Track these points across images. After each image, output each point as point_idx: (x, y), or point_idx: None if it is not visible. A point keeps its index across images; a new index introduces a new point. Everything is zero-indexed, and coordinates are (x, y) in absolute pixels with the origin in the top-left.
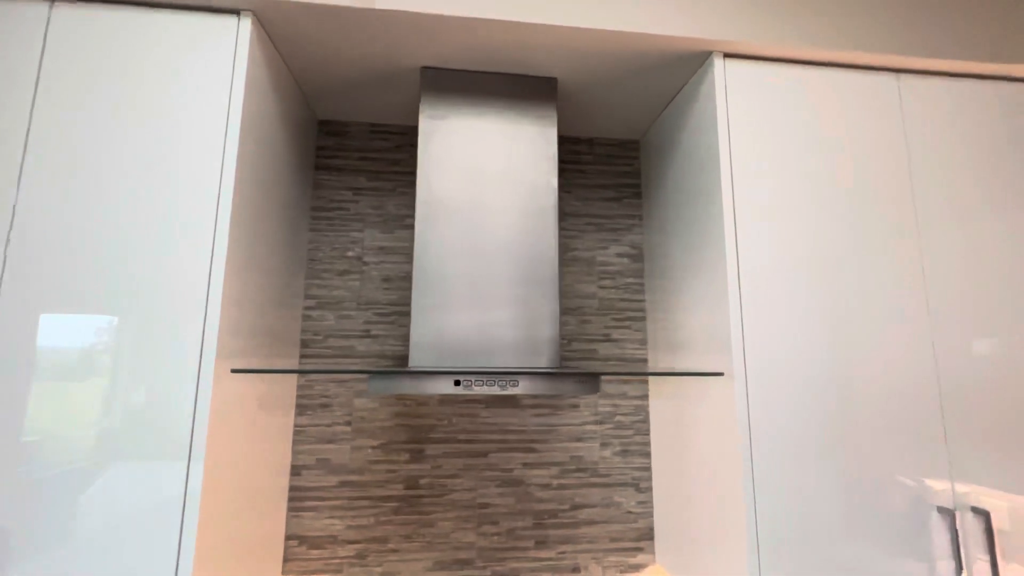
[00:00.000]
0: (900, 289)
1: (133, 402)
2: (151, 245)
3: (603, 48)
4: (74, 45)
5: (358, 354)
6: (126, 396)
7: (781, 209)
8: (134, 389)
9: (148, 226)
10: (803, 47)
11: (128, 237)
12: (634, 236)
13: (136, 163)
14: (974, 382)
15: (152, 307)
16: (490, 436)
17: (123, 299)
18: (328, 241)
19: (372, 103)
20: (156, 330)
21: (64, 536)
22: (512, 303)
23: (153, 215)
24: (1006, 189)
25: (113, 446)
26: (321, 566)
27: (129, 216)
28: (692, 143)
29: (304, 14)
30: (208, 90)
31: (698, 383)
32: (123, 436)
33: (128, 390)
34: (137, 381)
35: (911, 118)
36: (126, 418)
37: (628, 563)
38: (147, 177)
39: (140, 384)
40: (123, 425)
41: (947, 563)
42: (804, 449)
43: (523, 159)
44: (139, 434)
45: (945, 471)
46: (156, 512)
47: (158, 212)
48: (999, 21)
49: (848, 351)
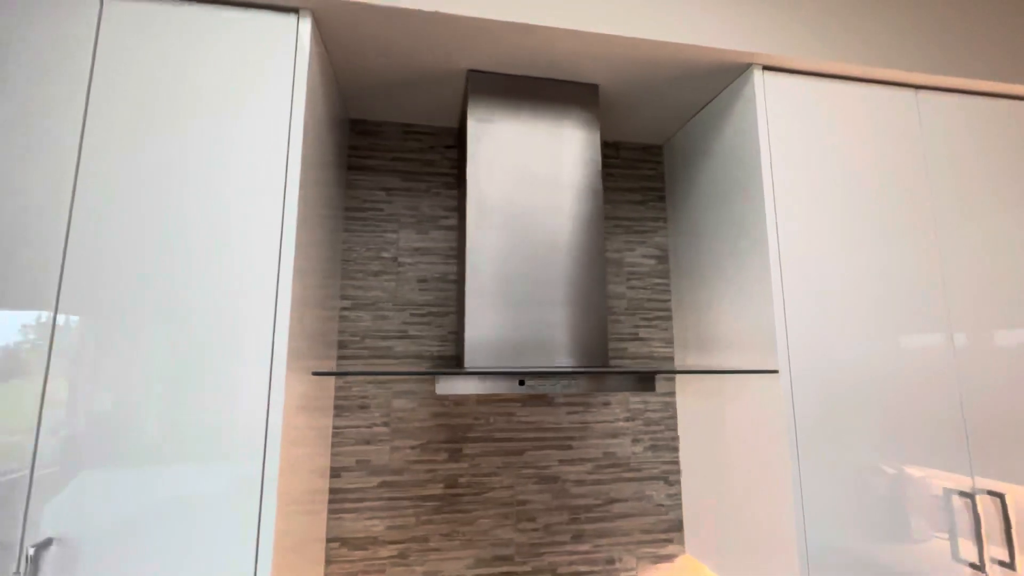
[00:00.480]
0: (919, 283)
1: (206, 405)
2: (216, 245)
3: (647, 57)
4: (126, 41)
5: (396, 355)
6: (198, 398)
7: (815, 211)
8: (204, 393)
9: (212, 226)
10: (833, 62)
11: (191, 238)
12: (659, 238)
13: (197, 164)
14: (992, 375)
15: (221, 309)
16: (526, 434)
17: (189, 302)
18: (363, 242)
19: (407, 103)
20: (226, 333)
21: (137, 535)
22: (563, 304)
23: (217, 215)
24: (1015, 192)
25: (185, 448)
26: (363, 567)
27: (192, 216)
28: (729, 149)
29: (365, 14)
30: (269, 90)
31: (733, 380)
32: (195, 437)
33: (199, 393)
34: (208, 385)
35: (928, 130)
36: (196, 420)
37: (659, 554)
38: (209, 178)
39: (213, 388)
40: (194, 427)
41: (970, 543)
42: (841, 440)
43: (569, 163)
44: (212, 436)
45: (966, 461)
46: (233, 513)
47: (222, 211)
48: (1009, 43)
49: (877, 346)
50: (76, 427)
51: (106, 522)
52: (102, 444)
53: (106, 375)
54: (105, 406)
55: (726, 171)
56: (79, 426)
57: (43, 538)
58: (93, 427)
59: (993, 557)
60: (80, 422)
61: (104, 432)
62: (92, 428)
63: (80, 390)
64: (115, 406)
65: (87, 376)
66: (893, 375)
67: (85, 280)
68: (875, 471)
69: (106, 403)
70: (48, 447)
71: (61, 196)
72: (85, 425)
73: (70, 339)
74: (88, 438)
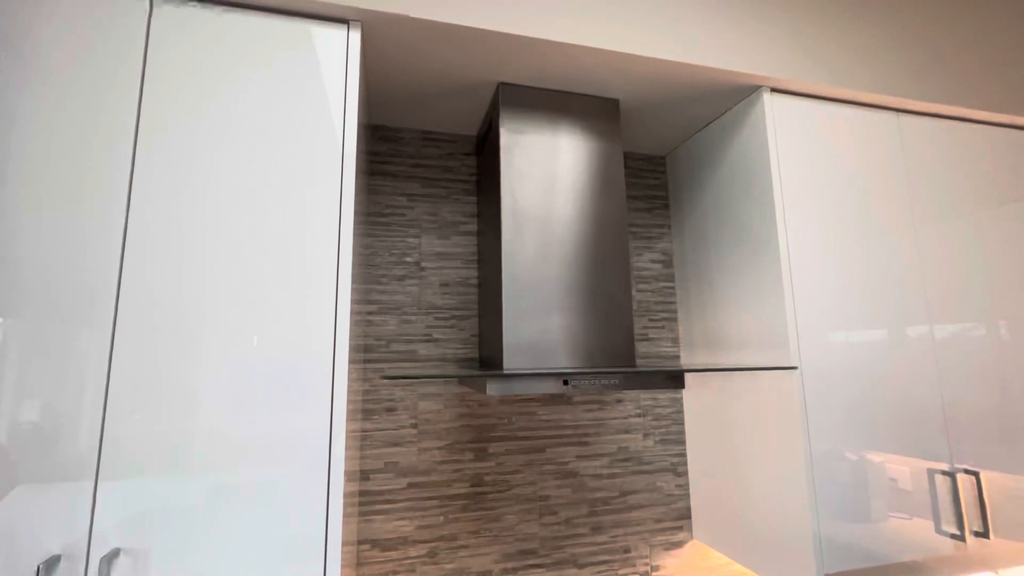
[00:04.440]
0: (902, 282)
1: (274, 413)
2: (275, 251)
3: (665, 76)
4: (178, 47)
5: (421, 358)
6: (269, 409)
7: (815, 218)
8: (273, 400)
9: (270, 232)
10: (831, 86)
11: (249, 246)
12: (665, 244)
13: (253, 173)
14: (966, 368)
15: (283, 313)
16: (547, 432)
17: (252, 307)
18: (386, 246)
19: (429, 111)
20: (286, 335)
21: (205, 542)
22: (593, 308)
23: (274, 222)
24: (983, 201)
25: (251, 456)
26: (394, 567)
27: (248, 224)
28: (738, 162)
29: (411, 27)
30: (321, 100)
31: (742, 376)
32: (257, 445)
33: (269, 401)
34: (276, 392)
35: (909, 151)
36: (262, 429)
37: (671, 541)
38: (264, 184)
39: (282, 394)
40: (259, 436)
41: (951, 514)
42: (841, 429)
43: (595, 173)
44: (275, 441)
45: (945, 447)
46: (301, 513)
47: (282, 217)
48: (986, 73)
49: (871, 341)
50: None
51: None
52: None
53: (173, 388)
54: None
55: (734, 181)
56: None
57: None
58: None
59: (971, 529)
60: (142, 430)
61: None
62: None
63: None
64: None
65: (150, 383)
66: (885, 367)
67: (144, 298)
68: (869, 457)
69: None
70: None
71: (116, 208)
72: (162, 433)
73: (134, 351)
74: (149, 447)
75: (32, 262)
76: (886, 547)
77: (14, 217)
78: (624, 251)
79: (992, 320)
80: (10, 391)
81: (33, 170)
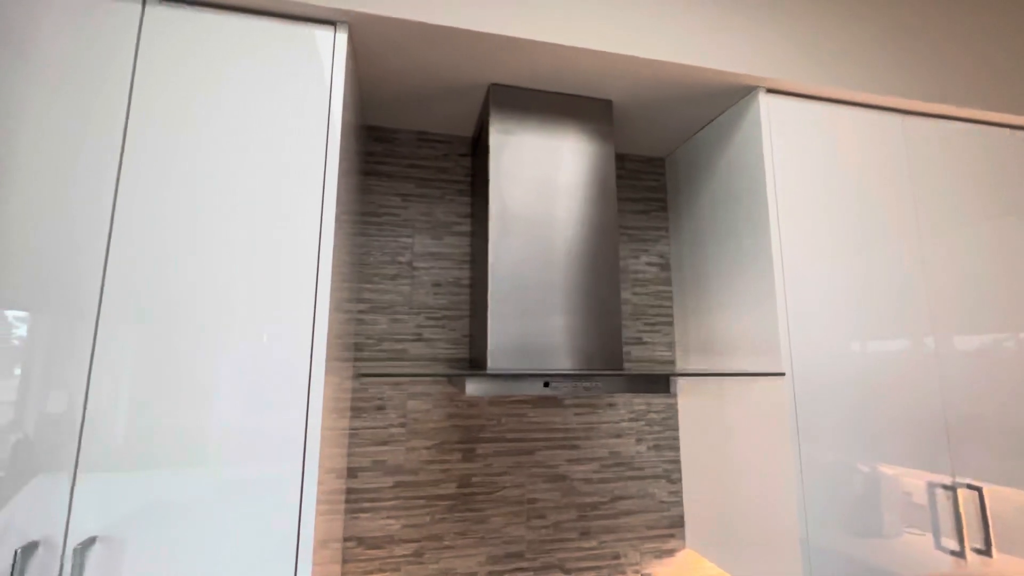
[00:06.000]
0: (904, 290)
1: (251, 409)
2: (260, 248)
3: (658, 76)
4: (168, 47)
5: (411, 357)
6: (244, 403)
7: (811, 223)
8: (247, 397)
9: (252, 229)
10: (829, 87)
11: (232, 242)
12: (662, 247)
13: (238, 171)
14: (971, 379)
15: (262, 310)
16: (536, 435)
17: (234, 306)
18: (378, 246)
19: (424, 112)
20: (265, 331)
21: (183, 537)
22: (581, 310)
23: (257, 219)
24: (989, 207)
25: (225, 451)
26: (379, 566)
27: (232, 221)
28: (734, 164)
29: (399, 29)
30: (307, 101)
31: (735, 382)
32: (237, 441)
33: (244, 398)
34: (250, 389)
35: (914, 154)
36: (238, 425)
37: (662, 548)
38: (247, 182)
39: (256, 390)
40: (236, 431)
41: (951, 530)
42: (834, 438)
43: (586, 174)
44: (253, 439)
45: (947, 459)
46: (276, 512)
47: (262, 214)
48: (997, 75)
49: (867, 350)
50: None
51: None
52: None
53: (154, 378)
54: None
55: (730, 184)
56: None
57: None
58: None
59: (972, 546)
60: (119, 424)
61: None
62: (134, 431)
63: (127, 391)
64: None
65: (134, 376)
66: (885, 376)
67: (127, 290)
68: (864, 468)
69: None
70: (90, 450)
71: (103, 202)
72: (133, 426)
73: (116, 345)
74: (126, 440)
75: (22, 255)
76: (882, 562)
77: (13, 214)
78: (614, 253)
79: (1000, 331)
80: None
81: (25, 166)
